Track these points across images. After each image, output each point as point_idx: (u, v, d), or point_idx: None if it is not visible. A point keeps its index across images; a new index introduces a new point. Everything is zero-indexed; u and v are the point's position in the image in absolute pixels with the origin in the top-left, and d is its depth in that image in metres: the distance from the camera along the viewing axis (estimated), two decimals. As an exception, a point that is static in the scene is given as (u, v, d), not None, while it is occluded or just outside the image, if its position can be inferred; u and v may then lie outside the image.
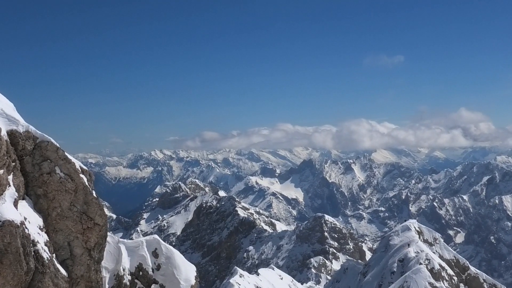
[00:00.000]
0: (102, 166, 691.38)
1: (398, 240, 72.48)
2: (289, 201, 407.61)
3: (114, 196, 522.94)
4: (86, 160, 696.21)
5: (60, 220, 19.88)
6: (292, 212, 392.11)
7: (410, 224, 77.31)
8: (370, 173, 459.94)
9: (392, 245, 72.11)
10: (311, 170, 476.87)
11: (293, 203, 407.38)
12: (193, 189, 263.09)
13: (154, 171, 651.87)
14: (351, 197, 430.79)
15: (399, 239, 72.94)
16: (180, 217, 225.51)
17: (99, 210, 20.73)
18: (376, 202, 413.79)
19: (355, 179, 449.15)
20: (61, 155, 20.45)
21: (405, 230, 75.42)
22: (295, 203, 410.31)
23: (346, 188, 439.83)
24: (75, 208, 20.22)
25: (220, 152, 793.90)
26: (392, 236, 75.26)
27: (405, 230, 75.13)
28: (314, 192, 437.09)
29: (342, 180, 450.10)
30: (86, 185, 20.72)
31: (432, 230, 79.99)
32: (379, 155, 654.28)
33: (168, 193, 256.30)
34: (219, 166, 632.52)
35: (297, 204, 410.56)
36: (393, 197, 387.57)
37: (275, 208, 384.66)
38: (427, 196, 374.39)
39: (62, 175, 20.12)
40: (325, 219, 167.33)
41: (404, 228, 76.07)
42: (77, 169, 20.78)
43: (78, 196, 20.37)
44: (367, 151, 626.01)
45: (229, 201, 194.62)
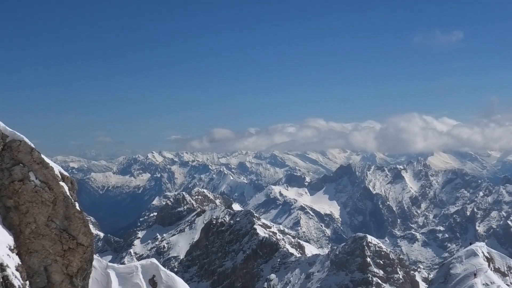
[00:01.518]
0: (86, 172, 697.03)
1: (462, 269, 71.76)
2: (322, 217, 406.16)
3: (102, 209, 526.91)
4: (67, 164, 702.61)
5: (35, 239, 19.89)
6: (326, 232, 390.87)
7: (477, 248, 76.50)
8: (426, 183, 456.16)
9: (453, 275, 71.44)
10: (350, 178, 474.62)
11: (326, 220, 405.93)
12: (200, 202, 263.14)
13: (152, 179, 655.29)
14: (401, 213, 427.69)
15: (462, 267, 72.22)
16: (184, 237, 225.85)
17: (83, 227, 20.78)
18: (433, 220, 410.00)
19: (406, 190, 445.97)
20: (36, 157, 20.48)
21: (470, 255, 74.63)
22: (330, 220, 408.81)
23: (394, 201, 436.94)
24: (53, 224, 20.26)
25: (235, 155, 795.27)
26: (454, 263, 74.54)
27: (471, 256, 74.35)
28: (354, 206, 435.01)
29: (390, 191, 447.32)
30: (67, 195, 20.77)
31: (505, 256, 79.06)
32: (437, 159, 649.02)
33: (169, 206, 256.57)
34: (233, 173, 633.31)
35: (332, 221, 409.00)
36: (455, 213, 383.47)
37: (304, 226, 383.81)
38: (499, 213, 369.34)
39: (38, 183, 20.15)
40: (368, 240, 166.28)
41: (470, 253, 75.30)
42: (56, 175, 20.82)
43: (57, 209, 20.40)
44: (421, 154, 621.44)
45: (245, 217, 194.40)
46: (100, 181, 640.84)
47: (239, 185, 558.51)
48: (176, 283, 25.79)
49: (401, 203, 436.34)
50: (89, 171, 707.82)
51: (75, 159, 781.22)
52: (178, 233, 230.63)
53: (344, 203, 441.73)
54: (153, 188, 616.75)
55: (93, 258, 22.20)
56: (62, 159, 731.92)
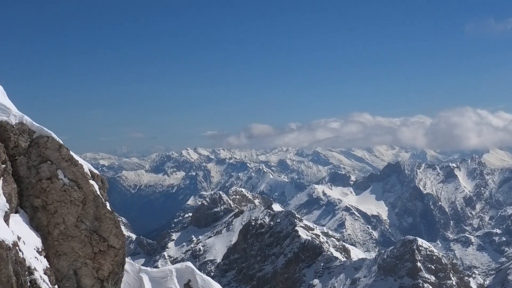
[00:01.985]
0: (117, 170, 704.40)
1: (521, 275, 70.67)
2: (369, 218, 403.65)
3: (134, 209, 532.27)
4: (97, 162, 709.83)
5: (64, 240, 20.04)
6: (373, 234, 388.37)
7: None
8: (481, 182, 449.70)
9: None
10: (399, 177, 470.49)
11: (373, 222, 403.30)
12: (238, 202, 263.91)
13: (186, 177, 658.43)
14: (454, 214, 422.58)
15: (522, 273, 71.12)
16: (221, 239, 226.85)
17: (114, 228, 20.88)
18: (489, 222, 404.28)
19: (460, 190, 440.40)
20: (65, 155, 20.61)
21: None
22: (377, 222, 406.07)
23: (447, 201, 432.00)
24: (83, 225, 20.39)
25: (275, 152, 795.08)
26: (513, 268, 73.44)
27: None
28: (403, 206, 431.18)
29: (442, 191, 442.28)
30: (97, 195, 20.85)
31: None
32: (493, 156, 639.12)
33: (204, 206, 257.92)
34: (273, 171, 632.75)
35: (379, 223, 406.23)
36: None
37: (349, 228, 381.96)
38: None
39: (67, 181, 20.27)
40: (418, 244, 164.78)
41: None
42: (85, 173, 20.93)
43: (87, 209, 20.52)
44: (475, 151, 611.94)
45: (286, 218, 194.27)
46: (132, 179, 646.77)
47: (279, 184, 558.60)
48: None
49: (454, 203, 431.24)
50: (120, 169, 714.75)
51: (105, 156, 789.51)
52: (215, 235, 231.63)
53: (392, 204, 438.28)
54: (188, 187, 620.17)
55: (125, 261, 22.40)
56: (91, 156, 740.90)
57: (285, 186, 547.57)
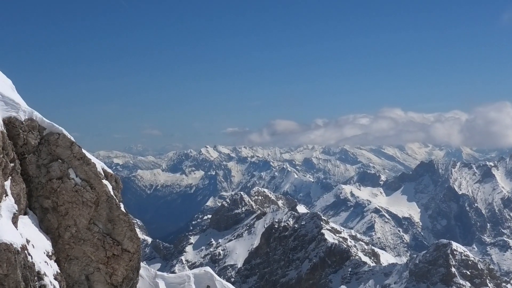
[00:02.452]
0: (132, 169, 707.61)
1: None
2: (400, 221, 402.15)
3: (150, 211, 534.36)
4: (111, 161, 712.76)
5: (75, 244, 20.08)
6: (404, 238, 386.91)
7: None
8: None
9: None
10: (432, 177, 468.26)
11: (405, 225, 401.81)
12: (260, 203, 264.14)
13: (206, 177, 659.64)
14: (491, 216, 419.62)
15: None
16: (242, 243, 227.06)
17: (129, 231, 20.91)
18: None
19: (497, 190, 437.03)
20: (77, 153, 20.65)
21: None
22: (409, 225, 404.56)
23: (483, 203, 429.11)
24: (96, 227, 20.45)
25: (300, 150, 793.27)
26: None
27: None
28: (437, 208, 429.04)
29: (478, 192, 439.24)
30: (111, 195, 20.92)
31: None
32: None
33: (225, 207, 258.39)
34: (297, 170, 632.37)
35: (411, 226, 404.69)
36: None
37: (379, 232, 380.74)
38: None
39: (79, 181, 20.33)
40: (453, 248, 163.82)
41: None
42: (98, 172, 20.98)
43: (100, 210, 20.58)
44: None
45: (312, 220, 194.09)
46: (148, 179, 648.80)
47: (304, 184, 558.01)
48: (233, 295, 25.76)
49: (492, 205, 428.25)
50: (135, 168, 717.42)
51: (119, 154, 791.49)
52: (236, 239, 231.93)
53: (425, 205, 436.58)
54: (207, 188, 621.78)
55: (140, 266, 22.43)
56: (105, 154, 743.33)
57: (311, 186, 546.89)
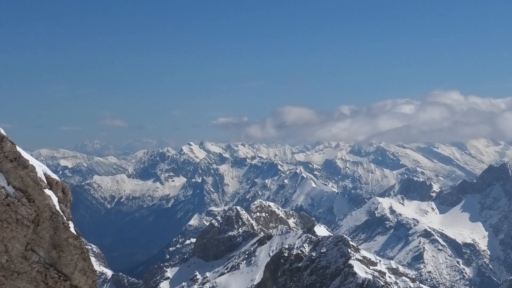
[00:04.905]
0: (86, 174, 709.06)
1: None
2: (459, 248, 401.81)
3: (110, 232, 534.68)
4: (56, 162, 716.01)
5: (6, 278, 19.89)
6: (465, 271, 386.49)
7: None
8: None
9: None
10: (505, 187, 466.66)
11: (466, 254, 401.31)
12: (264, 222, 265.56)
13: (188, 185, 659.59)
14: None
15: None
16: (239, 277, 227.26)
17: (81, 261, 20.85)
18: None
19: None
20: (8, 151, 20.61)
21: None
22: (471, 253, 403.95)
23: None
24: (35, 255, 20.34)
25: (319, 149, 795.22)
26: None
27: None
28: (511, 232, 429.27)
29: None
30: (56, 211, 20.80)
31: None
32: None
33: (215, 228, 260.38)
34: (316, 176, 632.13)
35: (475, 256, 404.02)
36: None
37: (430, 263, 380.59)
38: None
39: (11, 191, 20.23)
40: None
41: None
42: (39, 179, 20.84)
43: (41, 232, 20.46)
44: None
45: (336, 247, 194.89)
46: (108, 188, 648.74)
47: (325, 196, 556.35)
48: None
49: None
50: (90, 172, 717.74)
51: (68, 154, 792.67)
52: (230, 272, 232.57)
53: (494, 227, 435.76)
54: (190, 200, 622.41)
55: (97, 310, 22.32)
56: (48, 153, 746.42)
57: (334, 199, 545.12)
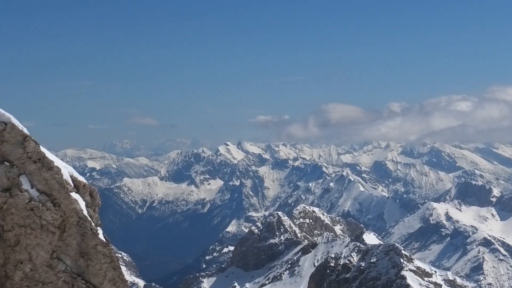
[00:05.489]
0: (115, 177, 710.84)
1: None
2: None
3: (142, 239, 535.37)
4: (83, 164, 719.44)
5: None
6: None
7: None
8: None
9: None
10: None
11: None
12: (308, 229, 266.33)
13: (226, 189, 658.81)
14: None
15: None
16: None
17: (110, 270, 20.84)
18: None
19: None
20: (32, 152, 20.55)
21: None
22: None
23: None
24: (61, 264, 20.31)
25: (367, 150, 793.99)
26: None
27: None
28: None
29: None
30: (84, 216, 20.81)
31: None
32: None
33: (255, 236, 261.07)
34: (364, 179, 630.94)
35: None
36: None
37: (491, 274, 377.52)
38: None
39: (35, 195, 20.19)
40: None
41: None
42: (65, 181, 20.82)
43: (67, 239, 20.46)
44: None
45: (387, 256, 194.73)
46: (139, 192, 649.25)
47: (375, 201, 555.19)
48: None
49: None
50: (120, 175, 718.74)
51: (96, 154, 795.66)
52: (271, 282, 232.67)
53: None
54: (227, 205, 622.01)
55: (128, 323, 22.27)
56: (74, 154, 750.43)
57: (385, 204, 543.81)
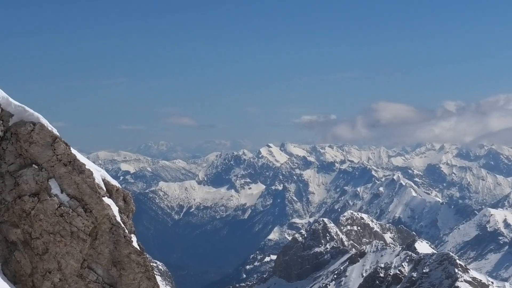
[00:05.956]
0: (150, 181, 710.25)
1: None
2: None
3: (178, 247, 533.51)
4: (117, 167, 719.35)
5: (60, 301, 20.00)
6: None
7: None
8: None
9: None
10: None
11: None
12: (356, 236, 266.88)
13: (268, 193, 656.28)
14: None
15: None
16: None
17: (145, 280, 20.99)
18: None
19: None
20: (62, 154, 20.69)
21: None
22: None
23: None
24: (92, 274, 20.51)
25: (420, 152, 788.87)
26: None
27: None
28: None
29: None
30: (117, 223, 21.03)
31: None
32: None
33: (299, 244, 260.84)
34: (416, 184, 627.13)
35: None
36: None
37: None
38: None
39: (65, 200, 20.34)
40: None
41: None
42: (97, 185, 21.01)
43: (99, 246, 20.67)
44: None
45: (441, 266, 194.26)
46: (176, 196, 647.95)
47: (428, 207, 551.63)
48: None
49: None
50: (155, 178, 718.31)
51: (130, 156, 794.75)
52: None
53: None
54: (269, 211, 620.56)
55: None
56: (107, 156, 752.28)
57: (438, 210, 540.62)
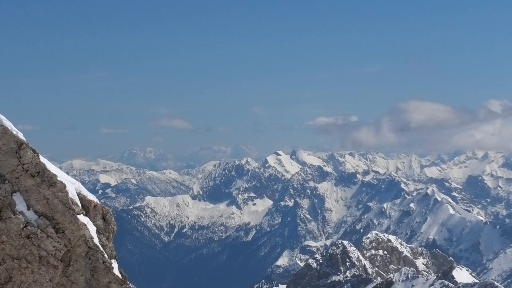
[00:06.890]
0: (135, 195, 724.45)
1: None
2: None
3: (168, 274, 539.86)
4: (95, 178, 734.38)
5: None
6: None
7: None
8: None
9: None
10: None
11: None
12: (382, 262, 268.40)
13: (276, 210, 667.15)
14: None
15: None
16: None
17: (128, 316, 24.11)
18: None
19: None
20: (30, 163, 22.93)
21: None
22: None
23: None
24: (63, 308, 23.39)
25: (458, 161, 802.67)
26: None
27: None
28: None
29: None
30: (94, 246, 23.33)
31: None
32: None
33: (313, 271, 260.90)
34: (455, 199, 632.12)
35: None
36: None
37: None
38: None
39: (33, 218, 22.43)
40: None
41: None
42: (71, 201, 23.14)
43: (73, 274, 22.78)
44: None
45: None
46: (166, 214, 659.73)
47: (468, 227, 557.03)
48: None
49: None
50: (141, 192, 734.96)
51: (111, 166, 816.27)
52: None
53: None
54: (278, 231, 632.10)
55: None
56: (83, 165, 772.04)
57: (481, 231, 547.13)
